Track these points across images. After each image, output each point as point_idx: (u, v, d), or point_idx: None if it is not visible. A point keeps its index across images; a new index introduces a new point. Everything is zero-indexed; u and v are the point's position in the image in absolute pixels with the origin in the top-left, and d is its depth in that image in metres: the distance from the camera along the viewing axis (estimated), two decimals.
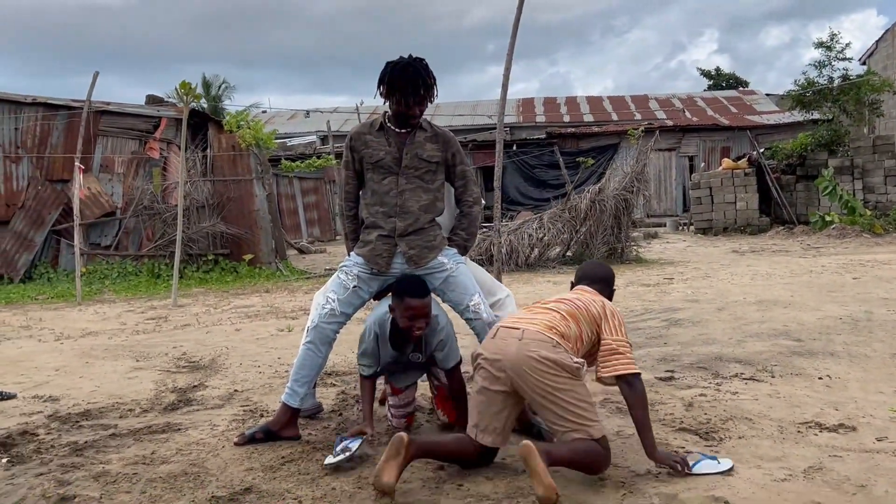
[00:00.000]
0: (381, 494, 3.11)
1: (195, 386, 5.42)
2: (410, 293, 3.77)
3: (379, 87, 3.97)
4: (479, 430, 3.37)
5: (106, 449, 3.96)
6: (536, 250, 14.24)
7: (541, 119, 34.28)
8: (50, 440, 4.18)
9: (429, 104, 4.05)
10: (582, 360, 3.35)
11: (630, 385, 3.37)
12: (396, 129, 4.04)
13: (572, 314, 3.50)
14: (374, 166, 4.04)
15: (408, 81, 3.89)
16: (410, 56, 3.98)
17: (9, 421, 4.63)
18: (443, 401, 4.26)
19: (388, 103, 4.01)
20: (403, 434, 3.18)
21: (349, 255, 4.18)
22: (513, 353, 3.29)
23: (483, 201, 4.41)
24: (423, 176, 4.04)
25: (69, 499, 3.27)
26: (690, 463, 3.35)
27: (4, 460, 3.86)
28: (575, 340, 3.43)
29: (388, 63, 3.95)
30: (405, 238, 4.02)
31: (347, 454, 3.53)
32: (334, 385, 5.23)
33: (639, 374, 3.42)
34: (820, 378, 5.00)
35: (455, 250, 4.12)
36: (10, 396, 5.22)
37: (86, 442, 4.09)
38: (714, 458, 3.44)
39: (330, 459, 3.53)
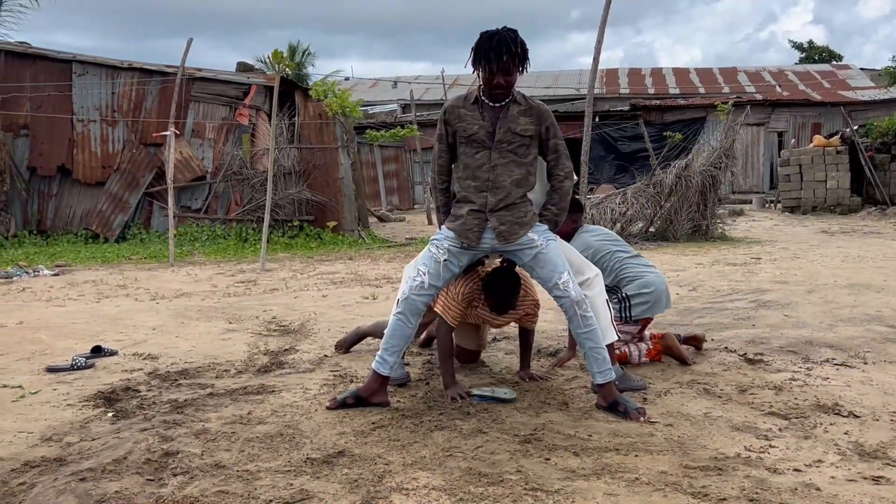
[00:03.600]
0: None
1: (286, 350, 5.58)
2: None
3: (470, 57, 3.98)
4: None
5: (204, 407, 4.12)
6: (619, 224, 14.09)
7: (625, 91, 33.66)
8: (151, 397, 4.37)
9: (518, 75, 4.01)
10: None
11: None
12: (491, 104, 4.03)
13: None
14: (468, 140, 4.05)
15: (492, 49, 3.87)
16: (502, 27, 3.97)
17: (112, 377, 4.86)
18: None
19: (476, 73, 4.01)
20: None
21: (440, 228, 4.23)
22: None
23: (575, 176, 4.36)
24: (516, 150, 4.03)
25: (172, 454, 3.41)
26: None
27: (110, 415, 4.05)
28: None
29: (481, 33, 3.96)
30: (496, 213, 4.02)
31: None
32: (420, 354, 5.32)
33: None
34: None
35: (546, 226, 4.12)
36: (112, 353, 5.47)
37: (185, 400, 4.26)
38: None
39: None
